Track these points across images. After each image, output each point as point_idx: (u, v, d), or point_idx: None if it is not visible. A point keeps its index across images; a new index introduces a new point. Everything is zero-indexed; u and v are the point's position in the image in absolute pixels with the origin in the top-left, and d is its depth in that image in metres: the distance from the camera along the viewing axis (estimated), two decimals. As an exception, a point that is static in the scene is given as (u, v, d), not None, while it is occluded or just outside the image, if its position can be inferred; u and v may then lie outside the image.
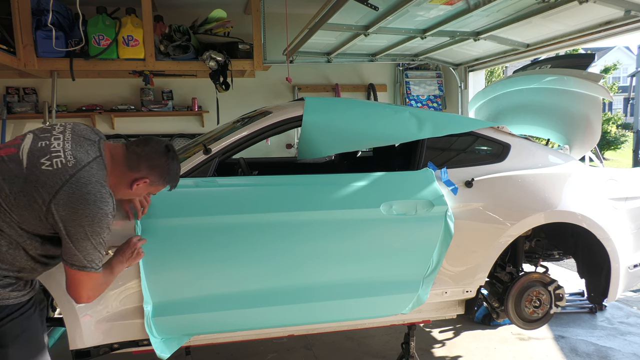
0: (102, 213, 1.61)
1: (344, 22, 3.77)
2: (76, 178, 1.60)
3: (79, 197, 1.58)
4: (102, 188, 1.65)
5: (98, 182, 1.64)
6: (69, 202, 1.57)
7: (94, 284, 1.71)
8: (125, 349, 2.31)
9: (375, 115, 2.69)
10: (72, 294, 1.70)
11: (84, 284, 1.68)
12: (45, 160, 1.60)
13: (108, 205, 1.65)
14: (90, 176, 1.63)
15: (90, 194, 1.60)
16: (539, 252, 3.11)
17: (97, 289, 1.75)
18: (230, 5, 4.98)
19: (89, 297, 1.72)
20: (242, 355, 3.30)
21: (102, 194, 1.63)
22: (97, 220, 1.60)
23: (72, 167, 1.61)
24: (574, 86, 3.08)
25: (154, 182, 1.83)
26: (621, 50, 36.36)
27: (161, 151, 1.81)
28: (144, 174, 1.79)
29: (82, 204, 1.58)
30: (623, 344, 3.44)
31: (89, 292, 1.71)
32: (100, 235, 1.64)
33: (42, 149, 1.64)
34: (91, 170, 1.65)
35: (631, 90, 23.14)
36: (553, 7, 3.21)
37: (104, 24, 4.18)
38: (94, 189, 1.61)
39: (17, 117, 5.06)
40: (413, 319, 2.71)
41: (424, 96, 6.15)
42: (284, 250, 2.32)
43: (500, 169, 2.73)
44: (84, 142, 1.72)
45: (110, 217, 1.66)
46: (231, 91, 4.82)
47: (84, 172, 1.62)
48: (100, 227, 1.63)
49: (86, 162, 1.65)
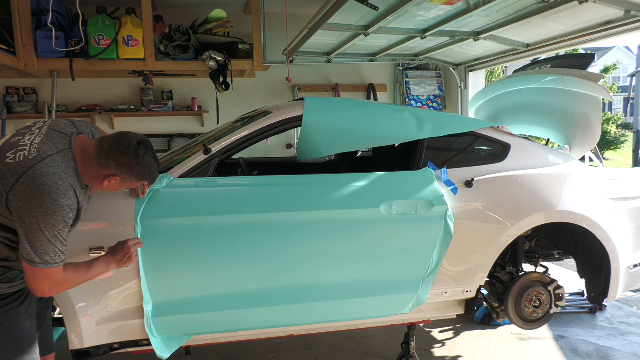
0: (56, 205, 1.59)
1: (344, 22, 3.77)
2: (33, 170, 1.60)
3: (34, 187, 1.57)
4: (60, 180, 1.63)
5: (56, 175, 1.62)
6: (24, 192, 1.57)
7: (52, 280, 1.67)
8: (125, 349, 2.31)
9: (375, 115, 2.69)
10: (28, 285, 1.68)
11: (37, 279, 1.64)
12: (11, 154, 1.63)
13: (64, 197, 1.62)
14: (48, 168, 1.62)
15: (45, 185, 1.59)
16: (539, 252, 3.11)
17: (57, 285, 1.71)
18: (230, 5, 4.98)
19: (44, 291, 1.68)
20: (242, 355, 3.30)
21: (59, 186, 1.61)
22: (50, 212, 1.58)
23: (32, 160, 1.62)
24: (574, 86, 3.08)
25: (125, 179, 1.78)
26: (621, 50, 36.36)
27: (130, 149, 1.74)
28: (113, 172, 1.74)
29: (36, 195, 1.57)
30: (623, 344, 3.44)
31: (44, 286, 1.67)
32: (54, 227, 1.60)
33: (12, 144, 1.67)
34: (51, 163, 1.64)
35: (631, 90, 23.14)
36: (553, 7, 3.21)
37: (104, 24, 4.18)
38: (50, 181, 1.60)
39: (17, 117, 5.05)
40: (413, 319, 2.71)
41: (424, 96, 6.15)
42: (284, 250, 2.32)
43: (500, 169, 2.73)
44: (56, 136, 1.72)
45: (67, 210, 1.63)
46: (231, 91, 4.82)
47: (43, 164, 1.62)
48: (55, 219, 1.60)
49: (48, 155, 1.65)
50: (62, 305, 2.11)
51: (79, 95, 5.23)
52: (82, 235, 2.02)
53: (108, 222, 2.11)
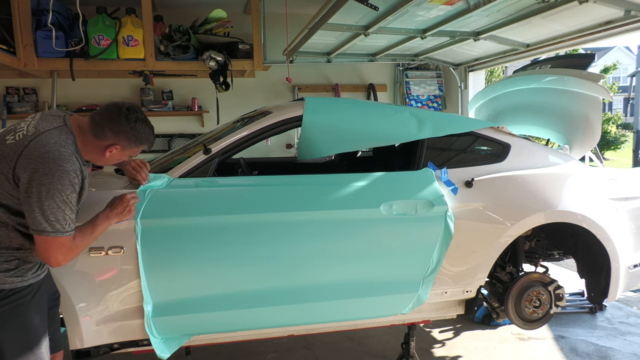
0: (62, 170, 1.62)
1: (344, 22, 3.78)
2: (34, 142, 1.65)
3: (37, 156, 1.62)
4: (62, 147, 1.67)
5: (57, 143, 1.67)
6: (28, 163, 1.62)
7: (65, 248, 1.70)
8: (125, 349, 2.31)
9: (375, 115, 2.69)
10: (42, 258, 1.71)
11: (50, 249, 1.67)
12: (10, 136, 1.70)
13: (68, 162, 1.66)
14: (48, 139, 1.67)
15: (48, 152, 1.63)
16: (539, 252, 3.11)
17: (70, 253, 1.74)
18: (230, 5, 4.98)
19: (58, 261, 1.71)
20: (242, 355, 3.30)
21: (62, 152, 1.66)
22: (57, 177, 1.61)
23: (31, 135, 1.67)
24: (574, 86, 3.08)
25: (125, 146, 1.82)
26: (621, 50, 36.36)
27: (121, 115, 1.78)
28: (112, 141, 1.79)
29: (40, 163, 1.61)
30: (623, 344, 3.44)
31: (58, 255, 1.69)
32: (62, 192, 1.63)
33: (10, 130, 1.74)
34: (50, 135, 1.69)
35: (631, 90, 23.13)
36: (553, 7, 3.21)
37: (104, 24, 4.18)
38: (52, 149, 1.65)
39: (17, 117, 5.04)
40: (413, 319, 2.71)
41: (424, 96, 6.15)
42: (284, 250, 2.32)
43: (500, 169, 2.73)
44: (49, 118, 1.78)
45: (72, 175, 1.66)
46: (231, 91, 4.82)
47: (42, 137, 1.67)
48: (62, 184, 1.63)
49: (46, 129, 1.70)
50: (62, 305, 2.11)
51: (79, 95, 5.23)
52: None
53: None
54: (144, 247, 2.10)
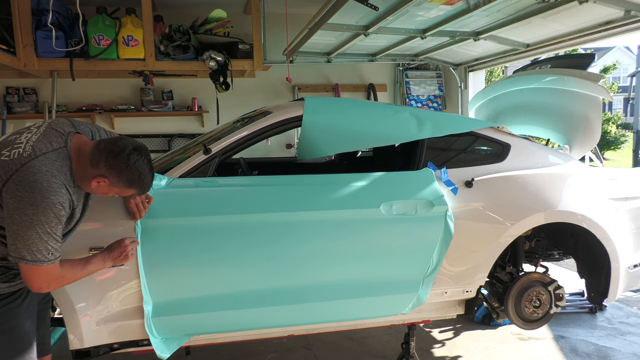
0: (47, 202, 1.58)
1: (344, 22, 3.77)
2: (26, 167, 1.59)
3: (25, 184, 1.57)
4: (53, 178, 1.62)
5: (49, 172, 1.62)
6: (16, 189, 1.57)
7: (47, 276, 1.66)
8: (125, 349, 2.30)
9: (375, 115, 2.69)
10: (25, 282, 1.68)
11: (32, 276, 1.63)
12: (6, 151, 1.64)
13: (56, 195, 1.61)
14: (41, 166, 1.61)
15: (37, 182, 1.58)
16: (539, 252, 3.11)
17: (53, 281, 1.70)
18: (230, 5, 4.98)
19: (40, 287, 1.68)
20: (242, 355, 3.30)
21: (51, 183, 1.60)
22: (42, 209, 1.57)
23: (26, 157, 1.62)
24: (574, 86, 3.08)
25: (113, 183, 1.74)
26: (621, 50, 36.36)
27: (123, 152, 1.71)
28: (103, 172, 1.71)
29: (27, 192, 1.57)
30: (623, 344, 3.44)
31: (40, 283, 1.66)
32: (46, 225, 1.59)
33: (9, 142, 1.68)
34: (45, 161, 1.63)
35: (631, 90, 23.12)
36: (553, 7, 3.21)
37: (104, 24, 4.18)
38: (42, 178, 1.59)
39: (17, 117, 5.05)
40: (413, 319, 2.71)
41: (424, 96, 6.15)
42: (284, 250, 2.32)
43: (500, 169, 2.73)
44: (52, 134, 1.72)
45: (58, 207, 1.62)
46: (231, 91, 4.82)
47: (36, 162, 1.61)
48: (46, 217, 1.59)
49: (42, 152, 1.64)
50: (62, 305, 2.11)
51: (79, 95, 5.22)
52: (82, 235, 2.02)
53: (108, 222, 2.11)
54: (143, 247, 2.10)
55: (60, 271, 1.70)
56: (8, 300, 1.74)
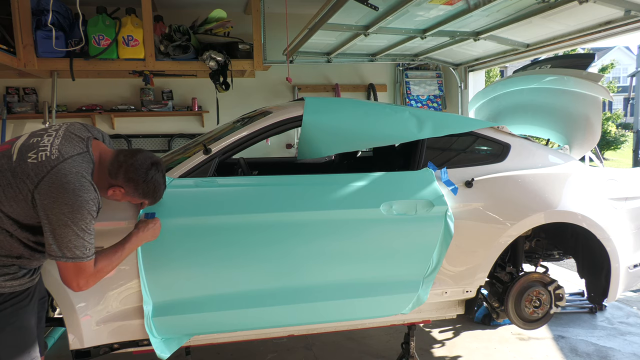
0: (81, 200, 1.64)
1: (344, 22, 3.77)
2: (57, 169, 1.65)
3: (58, 186, 1.63)
4: (83, 178, 1.69)
5: (78, 173, 1.68)
6: (50, 191, 1.62)
7: (86, 273, 1.72)
8: (125, 349, 2.31)
9: (375, 115, 2.69)
10: (64, 283, 1.73)
11: (72, 274, 1.70)
12: (32, 154, 1.69)
13: (88, 192, 1.68)
14: (71, 167, 1.68)
15: (69, 183, 1.64)
16: (539, 252, 3.11)
17: (92, 277, 1.75)
18: (230, 5, 4.99)
19: (80, 285, 1.73)
20: (242, 356, 3.30)
21: (82, 183, 1.67)
22: (76, 207, 1.64)
23: (55, 160, 1.67)
24: (574, 86, 3.08)
25: (129, 193, 1.86)
26: (621, 50, 36.36)
27: (143, 166, 1.83)
28: (120, 183, 1.82)
29: (61, 193, 1.62)
30: (623, 344, 3.44)
31: (79, 280, 1.72)
32: (81, 222, 1.66)
33: (32, 144, 1.72)
34: (73, 163, 1.70)
35: (631, 90, 23.12)
36: (553, 7, 3.21)
37: (104, 24, 4.19)
38: (74, 179, 1.66)
39: (17, 117, 5.06)
40: (413, 319, 2.71)
41: (424, 96, 6.15)
42: (284, 250, 2.32)
43: (500, 169, 2.73)
44: (74, 139, 1.79)
45: (91, 204, 1.68)
46: (231, 91, 4.82)
47: (65, 164, 1.67)
48: (81, 214, 1.65)
49: (69, 155, 1.71)
50: (62, 305, 2.11)
51: (79, 95, 5.23)
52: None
53: (108, 222, 2.11)
54: (143, 247, 2.10)
55: (96, 266, 1.77)
56: (19, 298, 1.76)
